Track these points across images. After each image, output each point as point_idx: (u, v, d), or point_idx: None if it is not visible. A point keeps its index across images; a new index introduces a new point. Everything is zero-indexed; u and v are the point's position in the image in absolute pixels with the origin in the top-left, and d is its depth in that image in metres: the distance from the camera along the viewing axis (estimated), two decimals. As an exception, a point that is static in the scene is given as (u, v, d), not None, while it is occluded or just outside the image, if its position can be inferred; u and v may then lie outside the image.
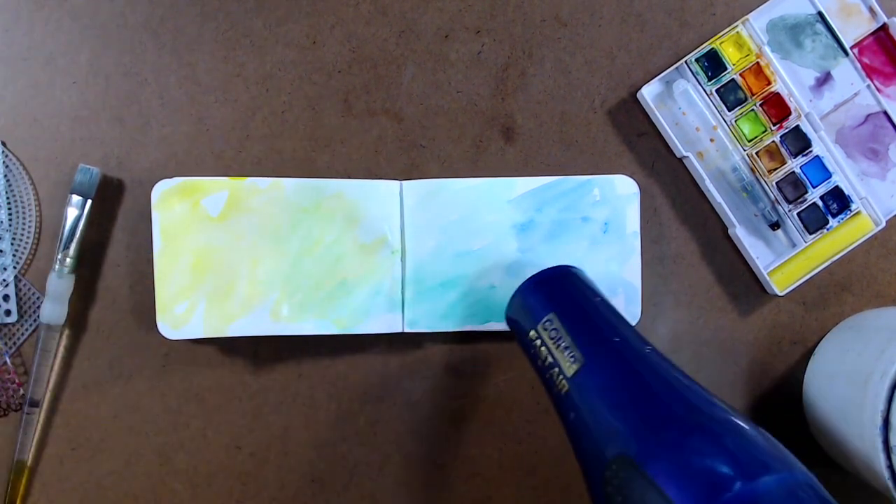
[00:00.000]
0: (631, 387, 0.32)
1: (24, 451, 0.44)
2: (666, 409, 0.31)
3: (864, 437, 0.39)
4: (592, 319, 0.35)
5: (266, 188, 0.44)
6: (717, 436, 0.29)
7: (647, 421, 0.31)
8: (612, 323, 0.35)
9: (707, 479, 0.28)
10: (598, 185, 0.45)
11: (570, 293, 0.37)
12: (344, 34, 0.47)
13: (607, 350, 0.33)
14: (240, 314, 0.43)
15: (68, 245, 0.44)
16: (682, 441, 0.29)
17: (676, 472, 0.29)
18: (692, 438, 0.29)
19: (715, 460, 0.28)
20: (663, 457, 0.29)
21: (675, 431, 0.30)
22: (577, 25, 0.47)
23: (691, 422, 0.30)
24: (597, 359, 0.33)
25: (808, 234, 0.46)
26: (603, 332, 0.34)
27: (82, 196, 0.44)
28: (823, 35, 0.47)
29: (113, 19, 0.46)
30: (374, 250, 0.44)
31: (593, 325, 0.35)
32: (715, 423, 0.30)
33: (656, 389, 0.32)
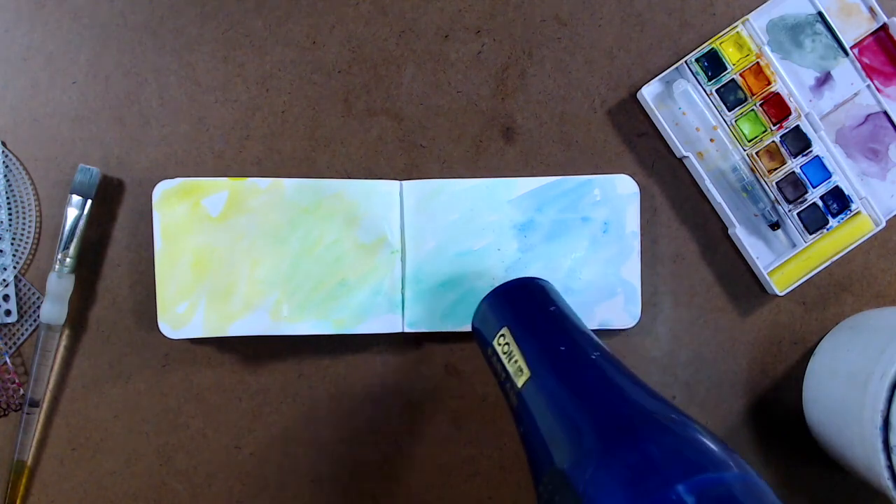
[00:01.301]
0: (570, 397, 0.31)
1: (25, 451, 0.44)
2: (599, 419, 0.30)
3: (864, 437, 0.39)
4: (540, 331, 0.34)
5: (266, 188, 0.44)
6: (642, 441, 0.28)
7: (580, 432, 0.30)
8: (560, 332, 0.34)
9: (630, 489, 0.27)
10: (598, 186, 0.45)
11: (524, 305, 0.36)
12: (344, 34, 0.47)
13: (552, 360, 0.33)
14: (240, 314, 0.43)
15: (68, 245, 0.44)
16: (609, 450, 0.28)
17: (601, 482, 0.28)
18: (618, 447, 0.28)
19: (638, 467, 0.27)
20: (590, 467, 0.28)
21: (604, 441, 0.29)
22: (577, 25, 0.47)
23: (619, 430, 0.29)
24: (541, 370, 0.32)
25: (808, 234, 0.46)
26: (550, 343, 0.34)
27: (82, 196, 0.44)
28: (823, 35, 0.47)
29: (113, 19, 0.46)
30: (374, 250, 0.44)
31: (541, 336, 0.34)
32: (644, 428, 0.29)
33: (594, 398, 0.31)
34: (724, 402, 0.47)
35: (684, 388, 0.47)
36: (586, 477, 0.28)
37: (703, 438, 0.29)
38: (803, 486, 0.48)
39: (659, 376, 0.47)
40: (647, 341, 0.47)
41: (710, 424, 0.47)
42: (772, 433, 0.48)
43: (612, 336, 0.47)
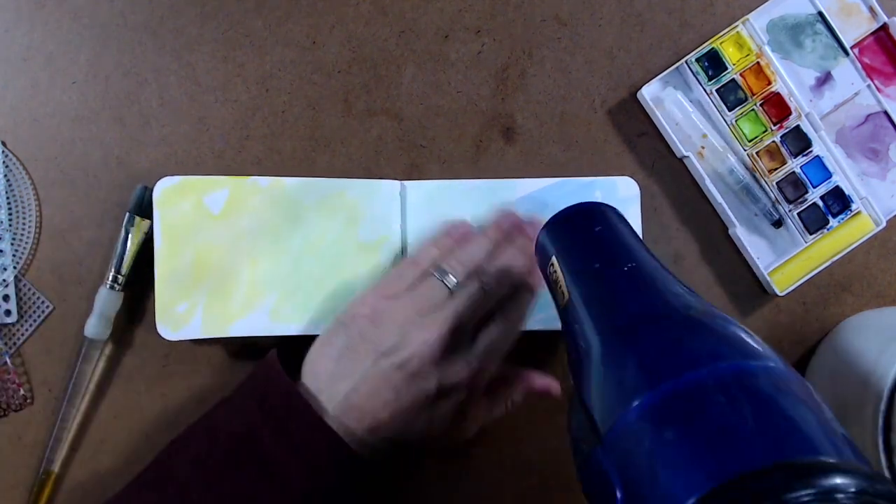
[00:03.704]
0: (591, 310, 0.33)
1: (54, 461, 0.44)
2: (604, 324, 0.31)
3: (864, 437, 0.39)
4: (578, 254, 0.36)
5: (267, 187, 0.44)
6: (640, 340, 0.29)
7: (589, 342, 0.32)
8: (597, 251, 0.36)
9: (620, 387, 0.28)
10: (599, 188, 0.45)
11: (569, 233, 0.38)
12: (344, 34, 0.47)
13: (585, 280, 0.35)
14: (240, 314, 0.43)
15: (121, 264, 0.44)
16: (606, 353, 0.30)
17: (593, 386, 0.29)
18: (614, 348, 0.30)
19: (634, 365, 0.28)
20: (592, 377, 0.30)
21: (604, 345, 0.30)
22: (577, 25, 0.47)
23: (618, 332, 0.30)
24: (576, 291, 0.34)
25: (809, 234, 0.46)
26: (586, 264, 0.35)
27: (141, 216, 0.44)
28: (824, 35, 0.47)
29: (113, 19, 0.46)
30: (375, 250, 0.44)
31: (578, 259, 0.36)
32: (648, 326, 0.30)
33: (614, 307, 0.32)
34: (724, 402, 0.47)
35: (684, 388, 0.47)
36: (589, 387, 0.29)
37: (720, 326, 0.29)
38: (803, 486, 0.48)
39: (659, 376, 0.47)
40: (647, 341, 0.47)
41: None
42: (772, 433, 0.48)
43: (613, 336, 0.47)
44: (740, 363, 0.27)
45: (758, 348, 0.28)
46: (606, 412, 0.28)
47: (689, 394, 0.26)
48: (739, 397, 0.26)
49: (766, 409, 0.25)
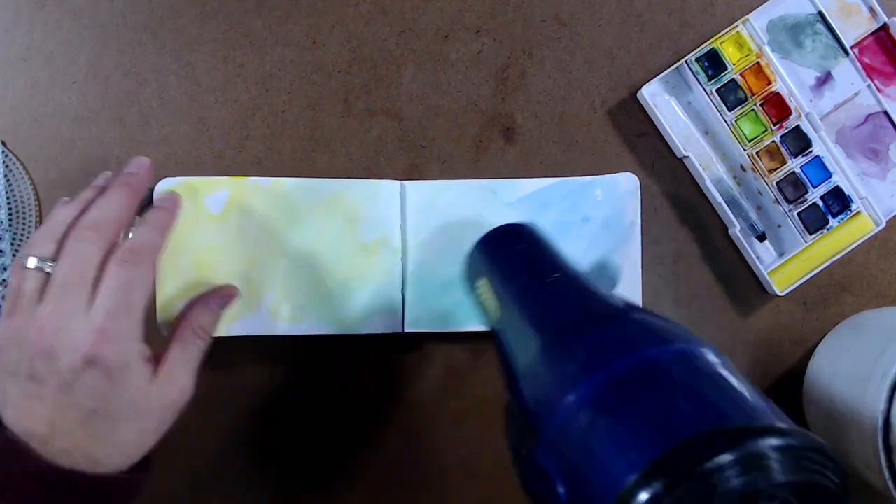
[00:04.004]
0: (519, 323, 0.35)
1: None
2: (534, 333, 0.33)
3: (864, 437, 0.39)
4: (506, 272, 0.38)
5: (267, 187, 0.44)
6: (572, 341, 0.31)
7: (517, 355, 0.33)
8: (523, 267, 0.38)
9: (555, 385, 0.29)
10: (600, 186, 0.45)
11: (493, 254, 0.40)
12: (344, 34, 0.47)
13: (513, 294, 0.36)
14: (240, 314, 0.43)
15: None
16: (538, 361, 0.31)
17: (529, 391, 0.31)
18: (549, 352, 0.31)
19: (567, 363, 0.30)
20: (524, 384, 0.31)
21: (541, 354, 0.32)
22: (577, 25, 0.47)
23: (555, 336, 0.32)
24: (505, 306, 0.36)
25: (809, 234, 0.46)
26: (513, 279, 0.37)
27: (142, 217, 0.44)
28: (824, 35, 0.47)
29: (113, 19, 0.46)
30: (374, 250, 0.44)
31: (506, 276, 0.38)
32: (578, 328, 0.31)
33: (539, 317, 0.34)
34: (724, 402, 0.47)
35: (684, 388, 0.47)
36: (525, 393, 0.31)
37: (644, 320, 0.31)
38: (803, 486, 0.48)
39: (659, 376, 0.47)
40: (647, 341, 0.47)
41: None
42: (772, 433, 0.48)
43: (613, 336, 0.47)
44: (666, 348, 0.29)
45: (682, 334, 0.30)
46: (543, 412, 0.29)
47: (621, 380, 0.27)
48: (668, 378, 0.27)
49: (695, 386, 0.27)
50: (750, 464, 0.23)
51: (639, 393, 0.27)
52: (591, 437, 0.26)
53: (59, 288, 0.35)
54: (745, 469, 0.23)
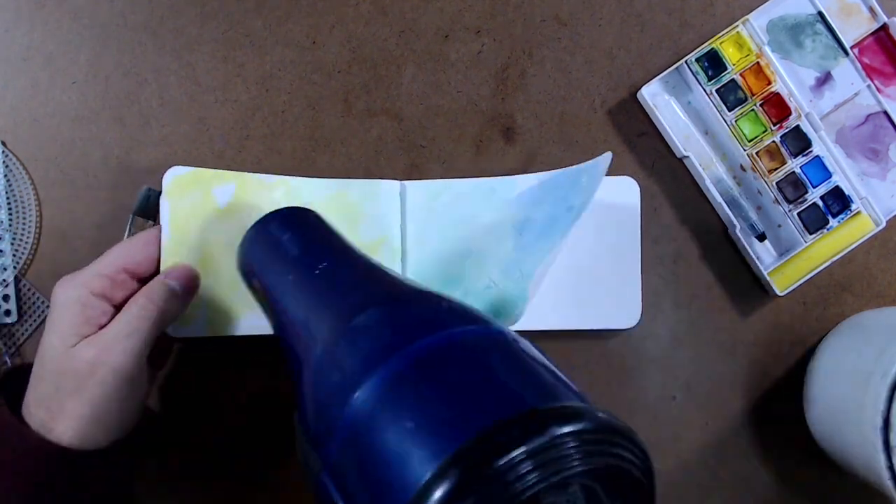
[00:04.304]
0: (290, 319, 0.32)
1: None
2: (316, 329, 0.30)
3: (864, 437, 0.39)
4: (272, 269, 0.35)
5: (271, 184, 0.44)
6: (345, 338, 0.28)
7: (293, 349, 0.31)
8: (286, 261, 0.34)
9: (335, 392, 0.27)
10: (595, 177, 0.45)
11: (262, 251, 0.36)
12: (344, 34, 0.47)
13: (282, 292, 0.33)
14: (243, 313, 0.43)
15: None
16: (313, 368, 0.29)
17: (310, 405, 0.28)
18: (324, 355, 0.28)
19: (344, 364, 0.27)
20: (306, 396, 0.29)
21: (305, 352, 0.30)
22: (577, 25, 0.47)
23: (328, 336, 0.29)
24: (276, 305, 0.33)
25: (809, 234, 0.46)
26: (280, 276, 0.34)
27: (146, 218, 0.44)
28: (823, 35, 0.47)
29: (113, 19, 0.46)
30: (374, 250, 0.44)
31: (273, 272, 0.34)
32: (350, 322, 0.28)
33: (309, 310, 0.31)
34: (724, 402, 0.47)
35: (684, 388, 0.47)
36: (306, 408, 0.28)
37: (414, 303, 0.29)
38: (803, 486, 0.48)
39: (659, 376, 0.47)
40: (647, 341, 0.47)
41: (711, 424, 0.47)
42: (772, 433, 0.48)
43: (613, 336, 0.47)
44: (453, 329, 0.26)
45: (472, 314, 0.28)
46: (324, 427, 0.26)
47: (402, 373, 0.25)
48: (454, 363, 0.25)
49: (483, 370, 0.25)
50: (544, 455, 0.21)
51: (421, 385, 0.24)
52: (376, 444, 0.24)
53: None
54: (540, 462, 0.21)
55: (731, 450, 0.47)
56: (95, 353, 0.35)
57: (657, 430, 0.47)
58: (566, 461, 0.22)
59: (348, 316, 0.29)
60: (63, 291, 0.36)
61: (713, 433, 0.47)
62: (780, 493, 0.48)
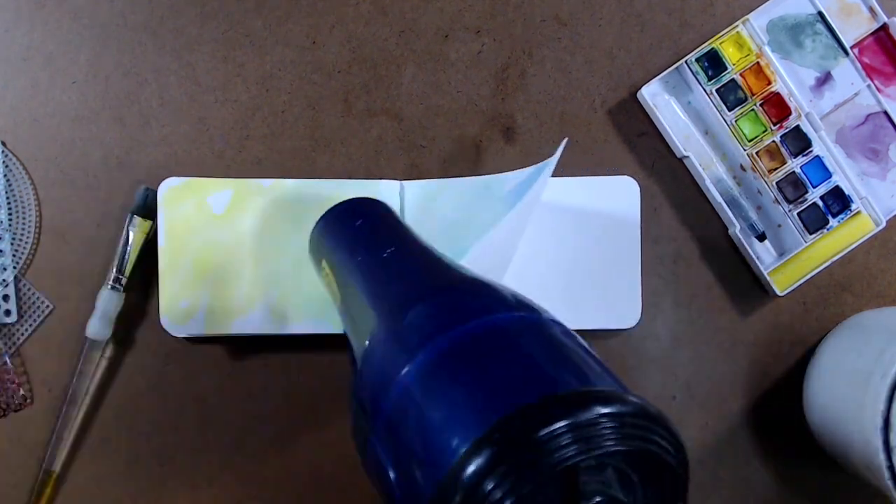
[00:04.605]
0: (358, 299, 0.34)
1: (55, 461, 0.44)
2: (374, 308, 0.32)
3: (864, 437, 0.39)
4: (344, 251, 0.37)
5: (269, 187, 0.44)
6: (405, 317, 0.30)
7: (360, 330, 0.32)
8: (358, 244, 0.37)
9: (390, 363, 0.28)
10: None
11: (333, 234, 0.38)
12: (344, 34, 0.47)
13: (351, 274, 0.35)
14: (241, 313, 0.43)
15: (123, 266, 0.44)
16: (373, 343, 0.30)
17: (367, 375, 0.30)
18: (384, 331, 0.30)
19: (400, 340, 0.29)
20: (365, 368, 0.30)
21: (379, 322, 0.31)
22: (577, 25, 0.47)
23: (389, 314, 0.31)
24: (346, 287, 0.35)
25: (808, 234, 0.46)
26: (350, 257, 0.36)
27: (145, 218, 0.44)
28: (823, 35, 0.47)
29: (113, 19, 0.46)
30: (374, 250, 0.44)
31: (344, 255, 0.36)
32: (411, 303, 0.30)
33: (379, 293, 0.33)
34: (724, 402, 0.47)
35: (684, 388, 0.47)
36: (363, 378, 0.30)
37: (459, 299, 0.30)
38: (803, 486, 0.48)
39: (659, 376, 0.47)
40: (647, 341, 0.47)
41: (711, 424, 0.47)
42: (772, 433, 0.48)
43: (613, 336, 0.47)
44: (502, 315, 0.28)
45: (523, 302, 0.29)
46: (378, 394, 0.28)
47: (453, 349, 0.26)
48: (502, 345, 0.26)
49: (530, 353, 0.26)
50: (584, 431, 0.22)
51: (471, 362, 0.26)
52: (424, 412, 0.25)
53: None
54: (578, 437, 0.22)
55: (731, 450, 0.47)
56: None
57: (657, 430, 0.47)
58: (604, 440, 0.22)
59: (407, 297, 0.31)
60: None
61: (713, 433, 0.47)
62: (780, 493, 0.48)
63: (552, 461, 0.22)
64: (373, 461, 0.27)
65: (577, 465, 0.22)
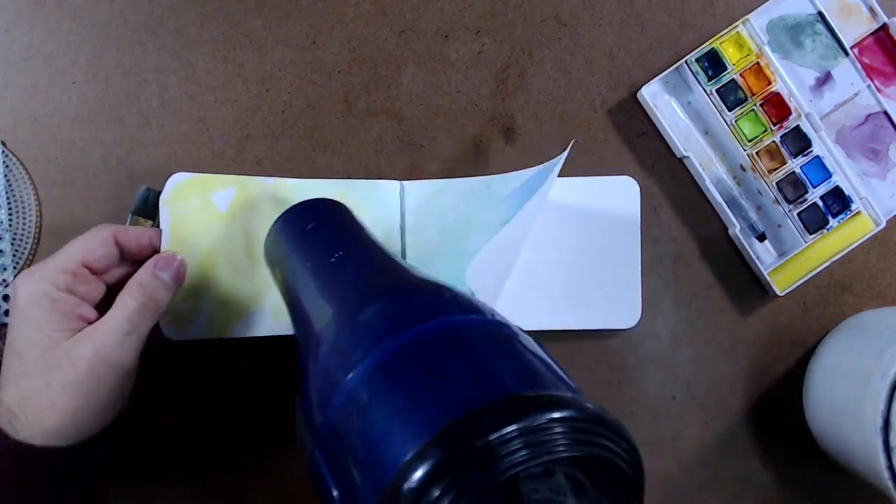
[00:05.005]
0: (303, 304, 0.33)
1: None
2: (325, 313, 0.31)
3: (864, 437, 0.39)
4: (294, 257, 0.36)
5: (271, 186, 0.44)
6: (350, 323, 0.29)
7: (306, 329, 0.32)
8: (310, 249, 0.36)
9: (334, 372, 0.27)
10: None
11: (284, 239, 0.37)
12: (344, 34, 0.47)
13: (301, 279, 0.34)
14: (242, 315, 0.43)
15: None
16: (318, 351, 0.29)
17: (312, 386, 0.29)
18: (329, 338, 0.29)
19: (344, 347, 0.28)
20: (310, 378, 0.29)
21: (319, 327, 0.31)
22: (577, 25, 0.47)
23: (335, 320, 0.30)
24: (295, 291, 0.34)
25: (808, 234, 0.46)
26: (301, 263, 0.35)
27: (146, 217, 0.44)
28: (823, 35, 0.47)
29: (113, 19, 0.46)
30: (374, 250, 0.44)
31: (295, 261, 0.36)
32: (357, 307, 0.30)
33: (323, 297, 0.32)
34: (724, 402, 0.47)
35: (684, 388, 0.47)
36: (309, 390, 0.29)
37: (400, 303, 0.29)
38: (803, 486, 0.48)
39: (659, 376, 0.47)
40: (647, 341, 0.47)
41: (711, 424, 0.47)
42: (772, 433, 0.48)
43: (613, 336, 0.47)
44: (451, 318, 0.27)
45: (472, 304, 0.28)
46: (322, 406, 0.27)
47: (398, 354, 0.25)
48: (451, 348, 0.25)
49: (478, 356, 0.25)
50: (532, 437, 0.21)
51: (417, 366, 0.25)
52: (368, 419, 0.24)
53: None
54: (527, 443, 0.21)
55: (731, 450, 0.47)
56: (94, 349, 0.35)
57: (657, 430, 0.47)
58: (554, 445, 0.22)
59: (352, 303, 0.30)
60: (27, 287, 0.36)
61: (713, 433, 0.47)
62: (780, 493, 0.48)
63: (501, 468, 0.21)
64: (316, 473, 0.26)
65: (526, 472, 0.21)
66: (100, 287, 0.39)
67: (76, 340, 0.36)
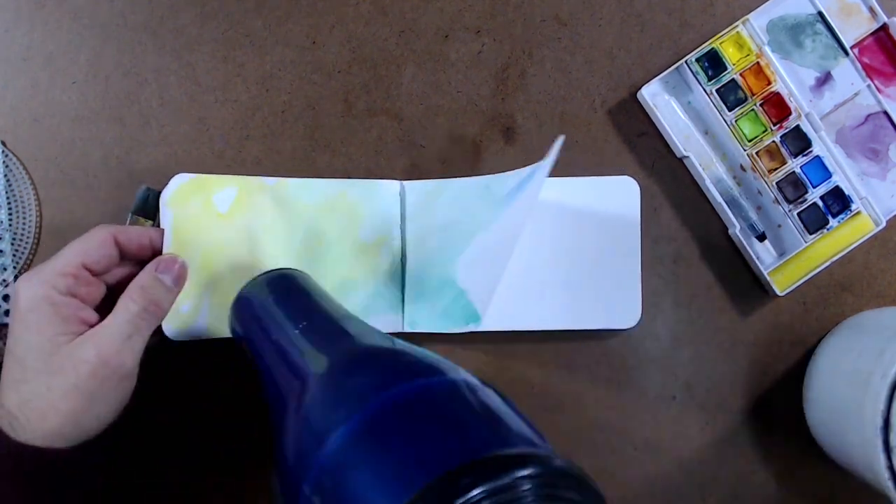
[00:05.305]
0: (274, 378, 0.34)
1: None
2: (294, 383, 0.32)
3: (864, 437, 0.39)
4: (260, 331, 0.37)
5: (272, 186, 0.44)
6: (322, 389, 0.30)
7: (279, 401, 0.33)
8: (273, 323, 0.36)
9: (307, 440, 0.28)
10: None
11: (247, 313, 0.38)
12: (344, 34, 0.47)
13: (269, 353, 0.35)
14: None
15: None
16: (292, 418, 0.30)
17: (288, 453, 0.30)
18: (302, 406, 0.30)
19: (317, 415, 0.29)
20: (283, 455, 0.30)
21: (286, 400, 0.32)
22: (577, 25, 0.47)
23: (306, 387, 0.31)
24: (263, 364, 0.35)
25: (808, 234, 0.46)
26: (266, 337, 0.36)
27: (145, 217, 0.44)
28: (823, 35, 0.47)
29: (113, 19, 0.46)
30: (374, 250, 0.44)
31: (259, 335, 0.37)
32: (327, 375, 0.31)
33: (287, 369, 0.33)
34: (724, 402, 0.47)
35: (684, 388, 0.47)
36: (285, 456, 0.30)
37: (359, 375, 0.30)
38: (803, 486, 0.48)
39: (659, 376, 0.47)
40: (647, 341, 0.47)
41: (711, 424, 0.47)
42: (772, 433, 0.48)
43: (613, 336, 0.47)
44: (417, 381, 0.28)
45: (433, 367, 0.30)
46: (300, 471, 0.28)
47: (368, 423, 0.27)
48: (419, 414, 0.27)
49: (446, 418, 0.27)
50: (500, 497, 0.22)
51: (387, 433, 0.26)
52: (342, 491, 0.25)
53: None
54: (497, 502, 0.22)
55: (731, 450, 0.47)
56: (96, 353, 0.35)
57: (657, 430, 0.47)
58: (521, 502, 0.23)
59: (326, 369, 0.31)
60: (28, 291, 0.36)
61: (713, 433, 0.47)
62: (780, 493, 0.48)
63: None
64: None
65: None
66: (100, 288, 0.39)
67: (78, 344, 0.36)
